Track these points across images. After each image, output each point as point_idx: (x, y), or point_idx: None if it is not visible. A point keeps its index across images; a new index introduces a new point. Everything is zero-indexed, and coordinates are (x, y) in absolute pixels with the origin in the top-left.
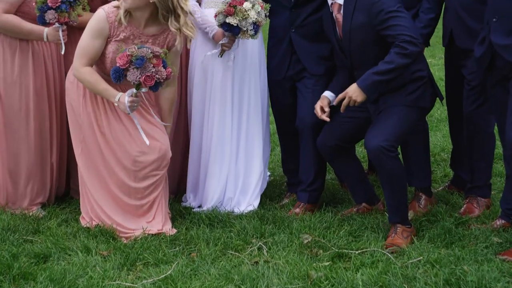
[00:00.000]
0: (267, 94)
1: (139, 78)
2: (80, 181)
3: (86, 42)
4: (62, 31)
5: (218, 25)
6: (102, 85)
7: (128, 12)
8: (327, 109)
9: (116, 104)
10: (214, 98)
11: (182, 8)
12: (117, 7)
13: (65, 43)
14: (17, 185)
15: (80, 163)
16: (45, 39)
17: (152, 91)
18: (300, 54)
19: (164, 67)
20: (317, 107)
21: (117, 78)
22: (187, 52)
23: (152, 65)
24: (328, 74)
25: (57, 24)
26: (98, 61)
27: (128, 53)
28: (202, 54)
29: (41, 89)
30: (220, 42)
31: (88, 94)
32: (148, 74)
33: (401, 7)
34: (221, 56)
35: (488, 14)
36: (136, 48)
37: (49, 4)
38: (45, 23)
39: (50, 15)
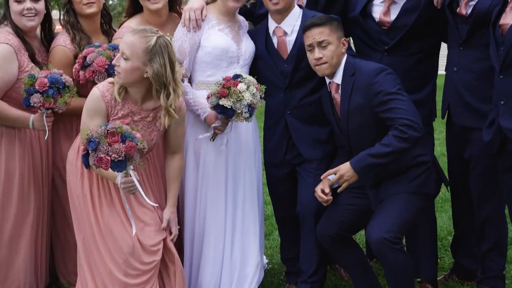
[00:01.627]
0: (262, 178)
1: (93, 161)
2: (78, 263)
3: (85, 125)
4: (47, 117)
5: (211, 107)
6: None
7: (124, 88)
8: (327, 190)
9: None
10: (207, 185)
11: (173, 86)
12: (112, 83)
13: (51, 129)
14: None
15: (79, 247)
16: (30, 126)
17: (117, 171)
18: (295, 138)
19: (123, 141)
20: (318, 189)
21: (86, 165)
22: None
23: (107, 144)
24: (328, 158)
25: (41, 109)
26: None
27: (84, 136)
28: (193, 137)
29: (28, 177)
30: (213, 125)
31: (86, 174)
32: (101, 156)
33: (401, 89)
34: (213, 140)
35: (496, 96)
36: (91, 129)
37: (37, 87)
38: (29, 106)
39: (35, 98)
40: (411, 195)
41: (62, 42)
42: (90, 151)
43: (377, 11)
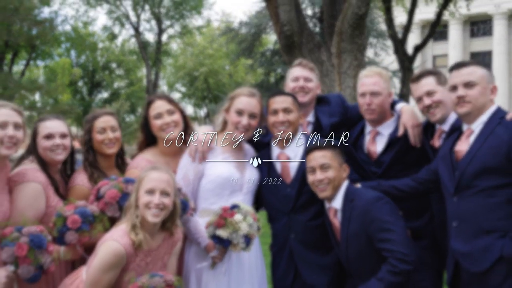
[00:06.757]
0: None
1: None
2: None
3: (98, 277)
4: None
5: (208, 237)
6: None
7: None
8: None
9: None
10: None
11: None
12: (125, 233)
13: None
14: None
15: None
16: (61, 257)
17: None
18: (300, 264)
19: None
20: None
21: None
22: (181, 262)
23: None
24: (335, 284)
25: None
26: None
27: (138, 284)
28: (195, 265)
29: None
30: (210, 254)
31: None
32: None
33: (398, 219)
34: (212, 268)
35: (448, 218)
36: (148, 277)
37: (69, 226)
38: (64, 244)
39: (70, 236)
40: None
41: (80, 181)
42: None
43: (366, 142)
